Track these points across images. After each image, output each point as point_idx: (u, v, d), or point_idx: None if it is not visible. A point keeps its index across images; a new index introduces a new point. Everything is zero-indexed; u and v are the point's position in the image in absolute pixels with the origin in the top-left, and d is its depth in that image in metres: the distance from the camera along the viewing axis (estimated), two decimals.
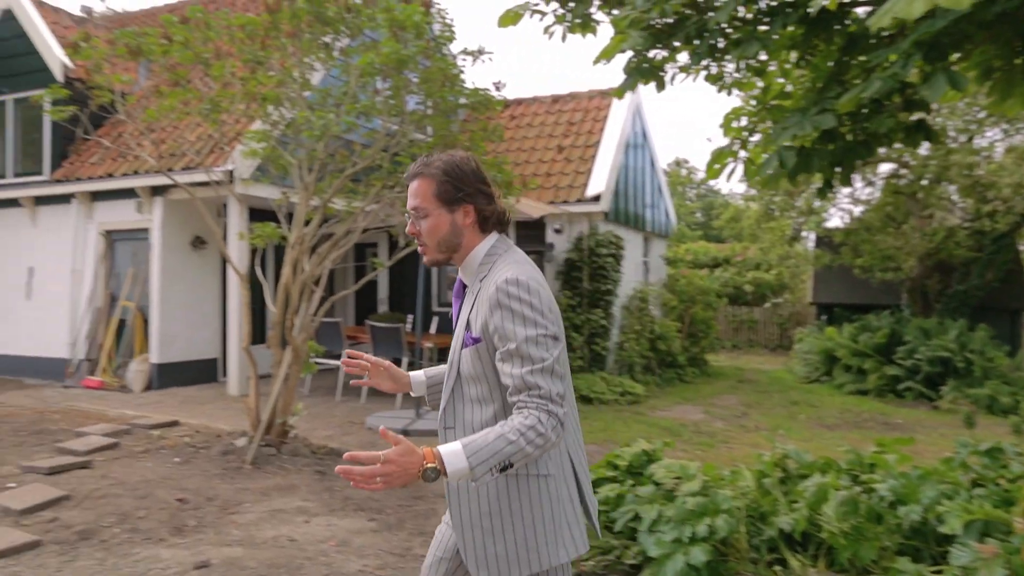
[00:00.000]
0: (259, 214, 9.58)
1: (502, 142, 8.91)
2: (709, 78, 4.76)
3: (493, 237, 1.95)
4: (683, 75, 4.59)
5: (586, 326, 10.55)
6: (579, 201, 10.74)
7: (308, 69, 6.61)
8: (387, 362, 2.20)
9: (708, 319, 14.07)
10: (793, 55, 4.58)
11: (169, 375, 9.86)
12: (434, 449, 1.63)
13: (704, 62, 4.33)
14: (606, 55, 4.43)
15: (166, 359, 9.85)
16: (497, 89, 6.64)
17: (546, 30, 4.54)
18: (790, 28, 4.01)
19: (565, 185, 11.08)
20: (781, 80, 4.97)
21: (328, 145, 6.29)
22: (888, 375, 11.62)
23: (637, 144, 12.76)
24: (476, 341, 1.83)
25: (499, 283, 1.78)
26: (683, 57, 4.33)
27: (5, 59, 11.25)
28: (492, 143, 7.43)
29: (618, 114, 11.97)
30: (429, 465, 1.60)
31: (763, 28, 3.94)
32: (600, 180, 10.85)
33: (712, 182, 42.20)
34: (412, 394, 2.24)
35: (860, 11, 3.81)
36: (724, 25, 3.91)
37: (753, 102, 5.19)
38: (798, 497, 3.72)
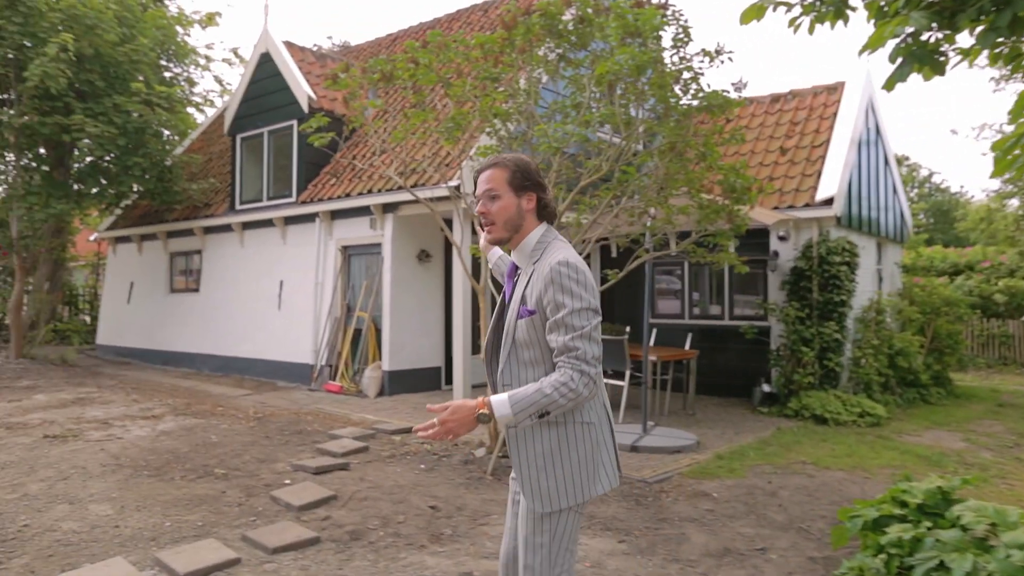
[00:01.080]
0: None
1: (721, 146, 8.46)
2: (1003, 58, 4.13)
3: (543, 226, 2.28)
4: (958, 58, 4.02)
5: (816, 340, 9.72)
6: (807, 206, 9.96)
7: (536, 83, 6.68)
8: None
9: (955, 333, 12.46)
10: None
11: (399, 382, 10.48)
12: (486, 399, 2.06)
13: (999, 39, 3.75)
14: (877, 42, 3.96)
15: (396, 367, 10.48)
16: (737, 90, 6.25)
17: (791, 23, 4.20)
18: None
19: (790, 189, 10.33)
20: None
21: (558, 158, 6.28)
22: None
23: (870, 141, 11.62)
24: (532, 313, 2.15)
25: (553, 264, 2.10)
26: (961, 37, 3.77)
27: (262, 97, 12.68)
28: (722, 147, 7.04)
29: (848, 110, 10.98)
30: (481, 411, 2.06)
31: None
32: (831, 182, 9.99)
33: (938, 179, 37.95)
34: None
35: None
36: None
37: None
38: None
